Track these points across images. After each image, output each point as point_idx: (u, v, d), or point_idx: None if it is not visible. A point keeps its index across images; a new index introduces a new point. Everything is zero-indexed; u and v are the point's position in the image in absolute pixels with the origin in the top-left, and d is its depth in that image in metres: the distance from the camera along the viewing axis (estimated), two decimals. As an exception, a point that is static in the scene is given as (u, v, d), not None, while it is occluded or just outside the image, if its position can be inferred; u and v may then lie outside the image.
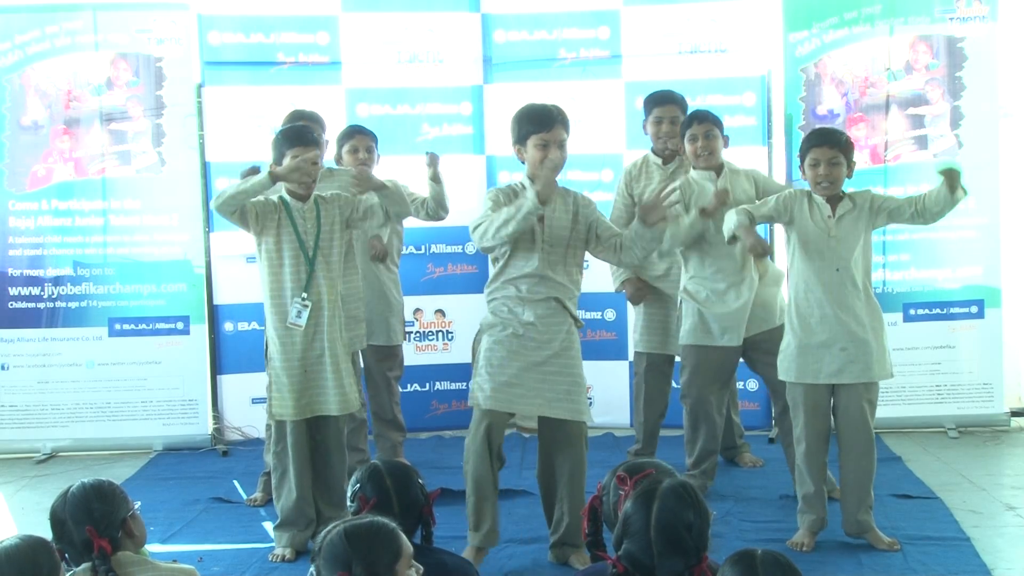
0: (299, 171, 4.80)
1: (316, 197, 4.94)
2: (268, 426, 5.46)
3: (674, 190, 4.95)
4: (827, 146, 4.74)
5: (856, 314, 4.71)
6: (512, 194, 4.76)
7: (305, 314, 4.84)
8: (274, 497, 5.05)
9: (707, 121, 5.46)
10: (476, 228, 4.70)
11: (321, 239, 4.89)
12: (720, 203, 5.28)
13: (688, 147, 5.50)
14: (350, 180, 5.46)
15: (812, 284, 4.75)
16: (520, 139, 4.73)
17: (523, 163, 4.77)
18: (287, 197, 4.91)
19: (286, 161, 4.81)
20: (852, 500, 4.80)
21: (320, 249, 4.89)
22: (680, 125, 5.67)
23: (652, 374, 5.99)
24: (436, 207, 5.80)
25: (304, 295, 4.84)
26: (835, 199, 4.79)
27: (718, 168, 5.50)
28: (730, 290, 5.39)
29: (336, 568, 2.62)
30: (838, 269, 4.71)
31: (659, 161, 5.90)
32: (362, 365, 5.92)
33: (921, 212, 4.80)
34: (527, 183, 4.66)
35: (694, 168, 5.55)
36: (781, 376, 4.88)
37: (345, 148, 5.97)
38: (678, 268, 5.65)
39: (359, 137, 6.00)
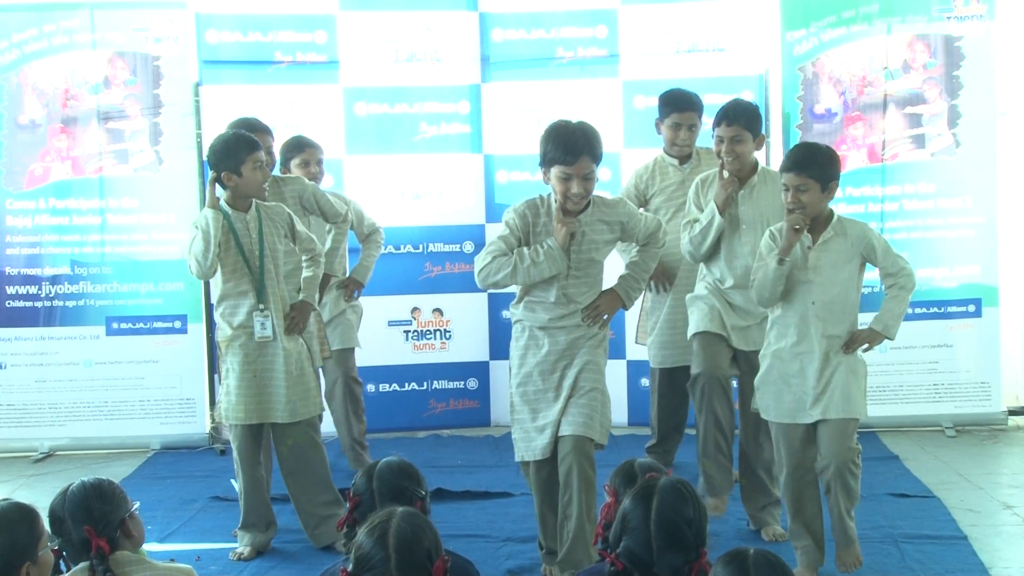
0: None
1: (258, 206, 4.89)
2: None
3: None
4: (794, 172, 4.33)
5: (828, 353, 4.36)
6: (534, 213, 4.43)
7: (269, 325, 4.83)
8: (239, 497, 5.07)
9: (736, 124, 4.87)
10: (480, 270, 4.43)
11: (265, 248, 4.86)
12: (727, 193, 4.85)
13: (714, 147, 4.96)
14: (301, 188, 5.49)
15: (786, 317, 4.44)
16: (544, 163, 4.36)
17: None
18: (227, 208, 4.83)
19: (245, 168, 4.77)
20: (836, 532, 4.47)
21: (266, 258, 4.85)
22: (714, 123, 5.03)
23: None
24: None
25: (261, 306, 4.83)
26: (816, 225, 4.39)
27: (748, 173, 4.94)
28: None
29: None
30: (813, 303, 4.35)
31: (675, 162, 5.60)
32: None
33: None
34: (553, 206, 4.40)
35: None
36: (763, 414, 4.56)
37: (295, 162, 5.88)
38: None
39: (309, 151, 5.94)
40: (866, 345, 4.43)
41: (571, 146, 4.27)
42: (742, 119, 4.85)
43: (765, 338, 4.57)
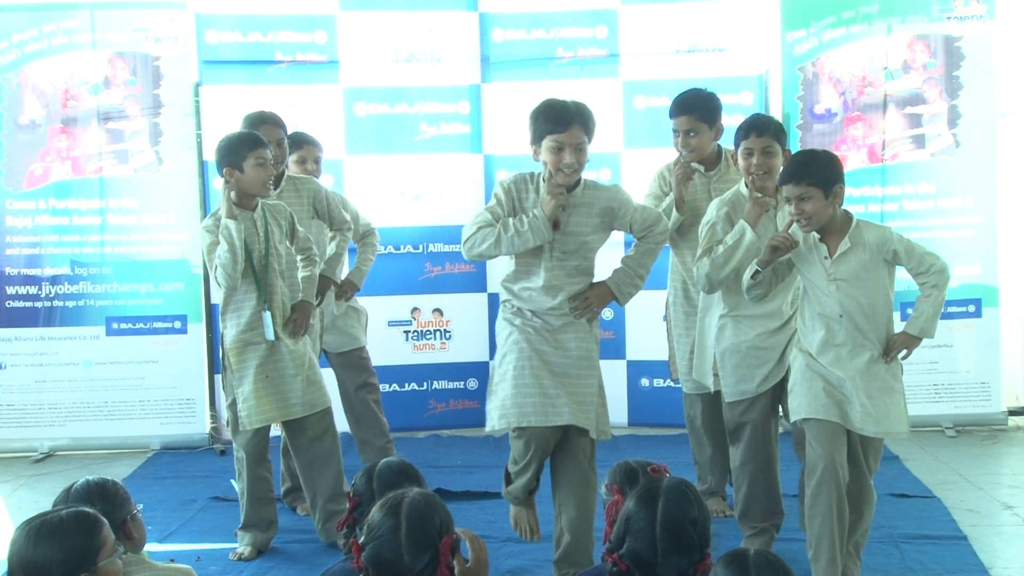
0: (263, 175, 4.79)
1: (262, 205, 4.89)
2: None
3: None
4: (792, 183, 4.14)
5: (861, 367, 4.21)
6: (522, 187, 4.39)
7: (270, 323, 4.82)
8: (239, 497, 5.08)
9: (766, 134, 4.58)
10: (467, 239, 4.39)
11: (270, 246, 4.86)
12: (762, 211, 4.54)
13: (741, 162, 4.65)
14: (316, 190, 5.50)
15: (811, 325, 4.28)
16: (535, 138, 4.30)
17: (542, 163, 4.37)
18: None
19: (247, 164, 4.75)
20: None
21: (271, 256, 4.86)
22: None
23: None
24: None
25: (265, 305, 4.82)
26: (832, 235, 4.23)
27: (773, 191, 4.60)
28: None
29: None
30: (841, 316, 4.20)
31: (701, 168, 5.13)
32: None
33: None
34: (541, 183, 4.36)
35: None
36: (793, 417, 4.34)
37: (292, 158, 5.73)
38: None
39: (307, 148, 5.86)
40: (904, 352, 4.27)
41: (562, 115, 4.24)
42: (771, 130, 4.60)
43: (794, 341, 4.43)
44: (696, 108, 5.05)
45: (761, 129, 4.59)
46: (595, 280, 4.53)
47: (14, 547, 2.73)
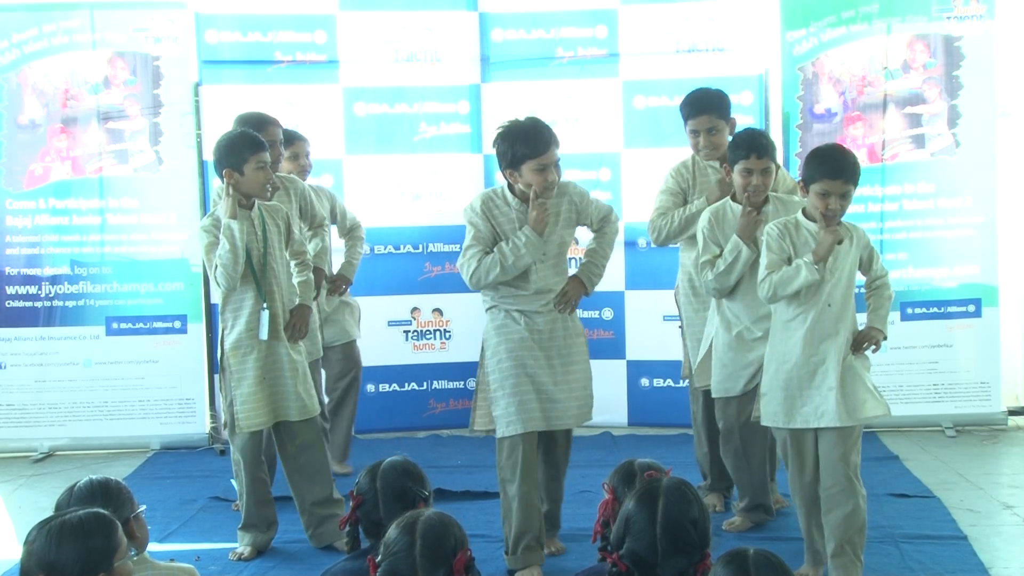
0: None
1: (259, 205, 4.89)
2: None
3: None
4: (841, 180, 4.23)
5: (841, 355, 4.30)
6: (492, 207, 4.66)
7: (269, 322, 4.82)
8: (238, 498, 5.09)
9: (766, 156, 4.74)
10: (471, 274, 4.61)
11: (268, 246, 4.85)
12: (723, 193, 4.93)
13: (738, 179, 4.78)
14: (302, 189, 5.58)
15: (797, 319, 4.35)
16: (513, 163, 4.54)
17: (512, 184, 4.63)
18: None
19: (248, 167, 4.75)
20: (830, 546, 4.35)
21: (269, 256, 4.85)
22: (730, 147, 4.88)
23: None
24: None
25: (264, 305, 4.82)
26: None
27: (763, 202, 4.81)
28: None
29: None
30: (830, 305, 4.31)
31: (718, 164, 5.19)
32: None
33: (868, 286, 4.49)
34: (511, 199, 4.64)
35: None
36: (764, 421, 4.47)
37: (285, 155, 5.73)
38: None
39: (299, 143, 5.94)
40: (874, 346, 4.38)
41: (541, 139, 4.54)
42: (770, 151, 4.76)
43: (769, 340, 4.49)
44: (715, 107, 5.24)
45: (761, 151, 4.73)
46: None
47: (31, 547, 2.73)
